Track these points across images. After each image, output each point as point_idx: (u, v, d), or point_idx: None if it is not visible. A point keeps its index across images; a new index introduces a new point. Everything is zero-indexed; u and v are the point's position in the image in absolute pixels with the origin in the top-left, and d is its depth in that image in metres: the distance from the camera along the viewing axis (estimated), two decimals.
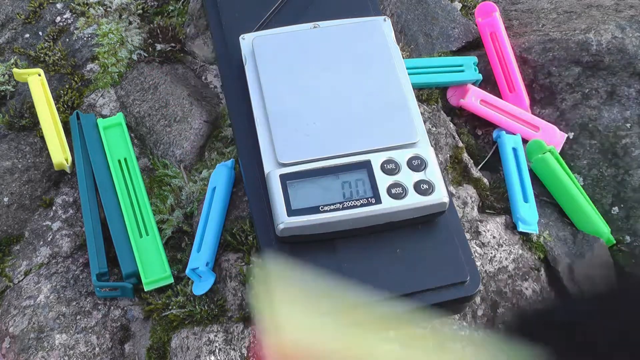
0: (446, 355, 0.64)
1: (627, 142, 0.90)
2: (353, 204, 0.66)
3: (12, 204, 0.87)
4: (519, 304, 0.80)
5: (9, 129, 0.93)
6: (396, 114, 0.72)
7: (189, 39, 1.00)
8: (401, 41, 1.00)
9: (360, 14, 0.82)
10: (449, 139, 0.91)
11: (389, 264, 0.68)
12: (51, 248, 0.84)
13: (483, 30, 0.99)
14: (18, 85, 0.97)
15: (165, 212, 0.85)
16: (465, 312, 0.78)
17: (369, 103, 0.72)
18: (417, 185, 0.68)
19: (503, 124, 0.93)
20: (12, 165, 0.89)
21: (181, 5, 1.04)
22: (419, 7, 1.02)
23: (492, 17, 0.99)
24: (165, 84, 0.94)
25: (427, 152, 0.70)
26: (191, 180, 0.87)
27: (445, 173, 0.89)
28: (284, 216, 0.65)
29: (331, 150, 0.69)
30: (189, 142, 0.89)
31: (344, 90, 0.73)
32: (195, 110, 0.91)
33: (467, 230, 0.83)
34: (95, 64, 0.99)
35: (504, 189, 0.89)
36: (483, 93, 0.95)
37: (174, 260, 0.82)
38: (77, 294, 0.80)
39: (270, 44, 0.76)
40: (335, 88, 0.73)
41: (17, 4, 1.07)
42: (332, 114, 0.72)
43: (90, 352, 0.77)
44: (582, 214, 0.87)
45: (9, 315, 0.79)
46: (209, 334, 0.74)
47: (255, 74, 0.75)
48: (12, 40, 1.03)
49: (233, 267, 0.78)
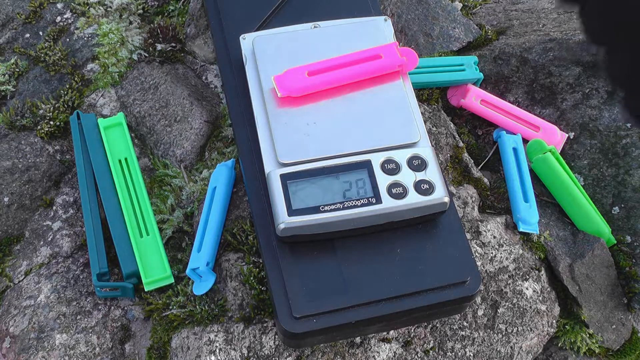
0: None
1: (628, 142, 0.90)
2: (353, 203, 0.66)
3: (12, 204, 0.87)
4: (519, 304, 0.80)
5: (10, 129, 0.93)
6: (396, 114, 0.72)
7: (190, 38, 1.00)
8: (401, 41, 1.00)
9: (361, 14, 0.82)
10: (449, 139, 0.91)
11: (390, 263, 0.68)
12: (51, 248, 0.84)
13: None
14: (18, 85, 0.98)
15: (165, 212, 0.85)
16: (466, 312, 0.78)
17: (369, 103, 0.72)
18: (417, 185, 0.68)
19: (503, 123, 0.93)
20: (13, 165, 0.89)
21: (181, 5, 1.04)
22: (419, 7, 1.02)
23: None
24: (165, 83, 0.94)
25: (428, 152, 0.70)
26: (191, 180, 0.87)
27: (446, 173, 0.89)
28: (285, 216, 0.65)
29: (331, 150, 0.69)
30: (190, 142, 0.89)
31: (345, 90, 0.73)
32: (195, 110, 0.91)
33: (468, 230, 0.83)
34: (96, 63, 0.99)
35: (504, 189, 0.89)
36: (483, 93, 0.95)
37: (175, 260, 0.82)
38: (77, 294, 0.80)
39: (271, 44, 0.76)
40: (336, 88, 0.73)
41: (18, 3, 1.07)
42: (332, 113, 0.72)
43: (90, 352, 0.77)
44: (583, 214, 0.87)
45: (9, 315, 0.79)
46: (209, 333, 0.74)
47: (255, 74, 0.75)
48: (12, 40, 1.03)
49: (233, 267, 0.78)
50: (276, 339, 0.73)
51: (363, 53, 0.74)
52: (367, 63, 0.73)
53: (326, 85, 0.72)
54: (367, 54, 0.74)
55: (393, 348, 0.75)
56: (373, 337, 0.75)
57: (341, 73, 0.72)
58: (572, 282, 0.83)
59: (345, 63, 0.73)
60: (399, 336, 0.76)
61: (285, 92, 0.71)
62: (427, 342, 0.76)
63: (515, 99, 0.97)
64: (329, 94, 0.73)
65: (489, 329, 0.78)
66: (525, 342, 0.79)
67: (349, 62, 0.73)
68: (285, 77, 0.72)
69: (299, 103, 0.72)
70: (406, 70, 0.74)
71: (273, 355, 0.73)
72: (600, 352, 0.84)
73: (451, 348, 0.76)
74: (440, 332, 0.77)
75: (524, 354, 0.79)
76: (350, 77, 0.73)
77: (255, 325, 0.75)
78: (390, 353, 0.75)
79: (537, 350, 0.81)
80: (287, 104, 0.72)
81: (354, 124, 0.71)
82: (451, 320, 0.78)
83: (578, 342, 0.82)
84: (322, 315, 0.66)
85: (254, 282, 0.76)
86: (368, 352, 0.74)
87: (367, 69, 0.73)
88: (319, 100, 0.72)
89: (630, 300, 0.86)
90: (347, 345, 0.74)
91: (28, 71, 0.99)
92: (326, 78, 0.72)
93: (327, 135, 0.70)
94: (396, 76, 0.74)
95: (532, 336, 0.80)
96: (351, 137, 0.70)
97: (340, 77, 0.72)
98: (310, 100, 0.72)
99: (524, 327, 0.79)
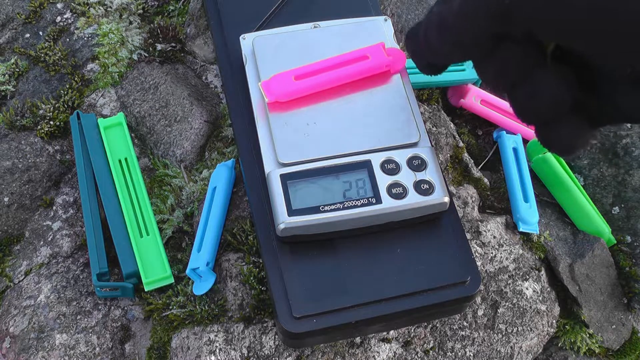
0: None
1: (628, 142, 0.90)
2: (353, 203, 0.66)
3: (12, 204, 0.87)
4: (519, 304, 0.80)
5: (10, 129, 0.93)
6: (396, 114, 0.72)
7: (190, 38, 1.00)
8: (401, 41, 1.00)
9: (361, 14, 0.82)
10: (449, 139, 0.91)
11: (390, 264, 0.68)
12: (51, 248, 0.84)
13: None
14: (18, 85, 0.98)
15: (165, 212, 0.85)
16: (466, 312, 0.78)
17: (369, 103, 0.72)
18: (417, 185, 0.68)
19: (503, 123, 0.93)
20: (12, 165, 0.89)
21: (181, 5, 1.04)
22: (419, 7, 1.02)
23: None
24: (165, 83, 0.94)
25: (428, 152, 0.70)
26: (191, 180, 0.87)
27: (446, 173, 0.89)
28: (285, 216, 0.65)
29: (331, 150, 0.69)
30: (190, 142, 0.89)
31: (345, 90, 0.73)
32: (195, 110, 0.91)
33: (468, 230, 0.83)
34: (96, 63, 0.99)
35: (504, 189, 0.89)
36: (484, 93, 0.95)
37: (175, 260, 0.82)
38: (77, 294, 0.80)
39: (271, 44, 0.76)
40: (336, 88, 0.73)
41: (17, 3, 1.07)
42: (332, 113, 0.72)
43: (90, 352, 0.77)
44: (583, 214, 0.87)
45: (9, 315, 0.79)
46: (209, 334, 0.74)
47: (255, 74, 0.75)
48: (12, 40, 1.03)
49: (233, 267, 0.78)
50: (276, 339, 0.74)
51: (350, 55, 0.73)
52: (354, 64, 0.73)
53: (314, 89, 0.72)
54: (354, 55, 0.73)
55: (393, 348, 0.75)
56: (373, 337, 0.75)
57: (328, 76, 0.72)
58: (572, 282, 0.83)
59: (333, 65, 0.73)
60: (399, 336, 0.76)
61: (273, 98, 0.71)
62: (427, 342, 0.76)
63: None
64: (328, 95, 0.73)
65: (489, 329, 0.78)
66: (525, 342, 0.79)
67: (336, 64, 0.73)
68: (272, 82, 0.71)
69: (299, 103, 0.72)
70: (394, 70, 0.74)
71: (273, 355, 0.73)
72: (600, 352, 0.84)
73: (451, 348, 0.76)
74: (440, 332, 0.77)
75: (524, 354, 0.79)
76: (338, 79, 0.72)
77: (255, 325, 0.75)
78: (390, 353, 0.75)
79: (537, 350, 0.81)
80: (287, 104, 0.72)
81: (354, 124, 0.71)
82: (451, 320, 0.78)
83: (578, 342, 0.82)
84: (322, 315, 0.66)
85: (254, 282, 0.76)
86: (368, 352, 0.74)
87: (354, 70, 0.72)
88: (319, 101, 0.72)
89: (630, 300, 0.86)
90: (347, 345, 0.74)
91: (28, 71, 0.99)
92: (313, 81, 0.72)
93: (327, 135, 0.70)
94: (394, 76, 0.74)
95: (532, 336, 0.80)
96: (351, 137, 0.70)
97: (328, 79, 0.72)
98: (310, 101, 0.72)
99: (524, 327, 0.79)
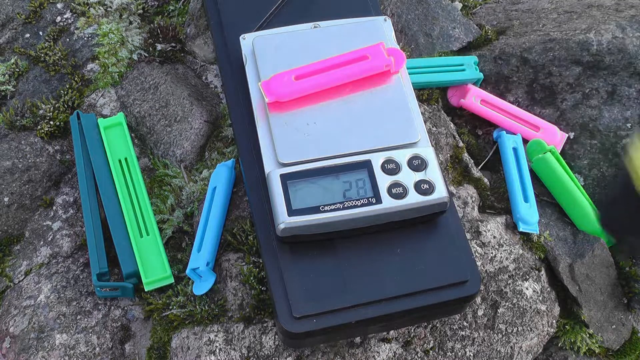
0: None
1: (628, 142, 0.90)
2: (353, 203, 0.66)
3: (12, 204, 0.87)
4: (519, 304, 0.80)
5: (10, 129, 0.93)
6: (396, 114, 0.72)
7: (189, 38, 1.00)
8: (401, 41, 1.00)
9: (361, 14, 0.82)
10: (449, 139, 0.91)
11: (390, 264, 0.68)
12: (51, 248, 0.84)
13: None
14: (18, 85, 0.98)
15: (165, 212, 0.85)
16: (466, 312, 0.78)
17: (369, 103, 0.72)
18: (417, 185, 0.68)
19: (503, 123, 0.93)
20: (13, 165, 0.89)
21: (181, 5, 1.04)
22: (419, 7, 1.02)
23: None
24: (165, 83, 0.94)
25: (428, 151, 0.70)
26: (191, 180, 0.87)
27: (446, 173, 0.89)
28: (285, 216, 0.65)
29: (331, 150, 0.69)
30: (190, 142, 0.89)
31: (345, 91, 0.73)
32: (195, 110, 0.91)
33: (468, 230, 0.83)
34: (96, 63, 0.99)
35: (504, 189, 0.89)
36: (484, 93, 0.95)
37: (175, 260, 0.82)
38: (77, 294, 0.80)
39: (271, 44, 0.76)
40: (336, 88, 0.73)
41: (18, 3, 1.07)
42: (332, 113, 0.72)
43: (90, 352, 0.77)
44: (583, 214, 0.87)
45: (9, 315, 0.79)
46: (209, 333, 0.74)
47: (255, 74, 0.75)
48: (12, 40, 1.03)
49: (233, 267, 0.78)
50: (276, 339, 0.73)
51: (350, 55, 0.73)
52: (354, 65, 0.73)
53: (314, 89, 0.72)
54: (354, 56, 0.73)
55: (393, 348, 0.75)
56: (373, 337, 0.75)
57: (328, 76, 0.72)
58: (572, 282, 0.83)
59: (333, 65, 0.73)
60: (399, 336, 0.76)
61: (273, 98, 0.71)
62: (427, 342, 0.76)
63: (515, 99, 0.97)
64: (329, 95, 0.73)
65: (489, 329, 0.78)
66: (525, 342, 0.79)
67: (336, 64, 0.73)
68: (272, 82, 0.71)
69: (299, 103, 0.72)
70: (394, 70, 0.74)
71: (273, 355, 0.73)
72: (600, 352, 0.84)
73: (451, 348, 0.76)
74: (440, 332, 0.77)
75: (524, 354, 0.79)
76: (338, 79, 0.72)
77: (255, 325, 0.75)
78: (390, 353, 0.75)
79: (537, 350, 0.81)
80: (287, 104, 0.72)
81: (354, 124, 0.71)
82: (451, 320, 0.78)
83: (578, 342, 0.82)
84: (322, 315, 0.66)
85: (254, 282, 0.76)
86: (368, 352, 0.74)
87: (354, 70, 0.72)
88: (319, 101, 0.72)
89: (630, 300, 0.86)
90: (347, 345, 0.74)
91: (28, 71, 0.99)
92: (313, 81, 0.71)
93: (327, 136, 0.70)
94: (394, 76, 0.74)
95: (532, 336, 0.80)
96: (351, 137, 0.70)
97: (328, 80, 0.72)
98: (310, 101, 0.72)
99: (524, 327, 0.79)
